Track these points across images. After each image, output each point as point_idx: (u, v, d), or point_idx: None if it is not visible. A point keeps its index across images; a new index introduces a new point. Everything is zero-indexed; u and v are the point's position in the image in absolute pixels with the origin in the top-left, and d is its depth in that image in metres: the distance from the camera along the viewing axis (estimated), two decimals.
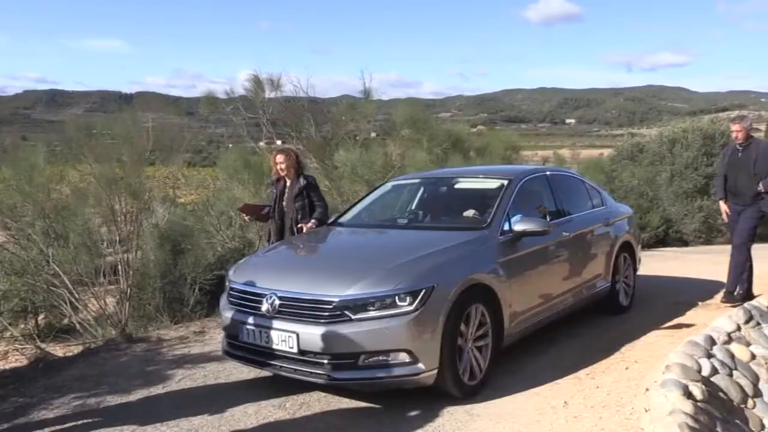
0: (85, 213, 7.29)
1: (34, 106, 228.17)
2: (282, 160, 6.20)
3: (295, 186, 6.21)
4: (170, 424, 3.96)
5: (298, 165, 6.28)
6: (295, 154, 6.34)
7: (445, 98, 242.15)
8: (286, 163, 6.18)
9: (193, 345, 5.69)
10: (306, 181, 6.20)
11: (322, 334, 3.92)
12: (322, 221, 5.96)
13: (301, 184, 6.18)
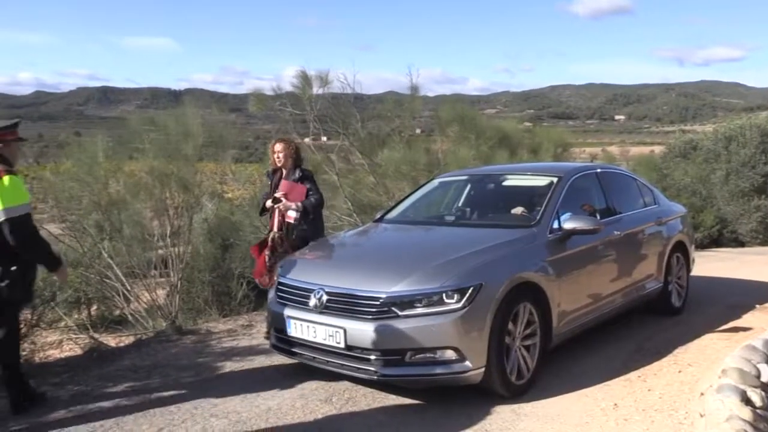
0: (138, 207, 7.47)
1: (87, 103, 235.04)
2: (281, 149, 5.81)
3: (290, 178, 5.81)
4: (219, 415, 4.03)
5: (296, 156, 5.87)
6: (295, 146, 5.97)
7: (490, 94, 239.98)
8: (285, 152, 5.79)
9: (241, 338, 5.78)
10: (302, 173, 5.81)
11: (369, 330, 3.93)
12: (307, 209, 5.61)
13: (297, 175, 5.78)
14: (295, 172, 5.77)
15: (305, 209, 5.61)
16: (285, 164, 5.79)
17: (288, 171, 5.82)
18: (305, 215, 5.64)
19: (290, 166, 5.80)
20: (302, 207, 5.60)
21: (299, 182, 5.70)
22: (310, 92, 8.94)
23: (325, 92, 9.21)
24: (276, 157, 5.80)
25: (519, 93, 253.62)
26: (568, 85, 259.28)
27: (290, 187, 5.63)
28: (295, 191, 5.62)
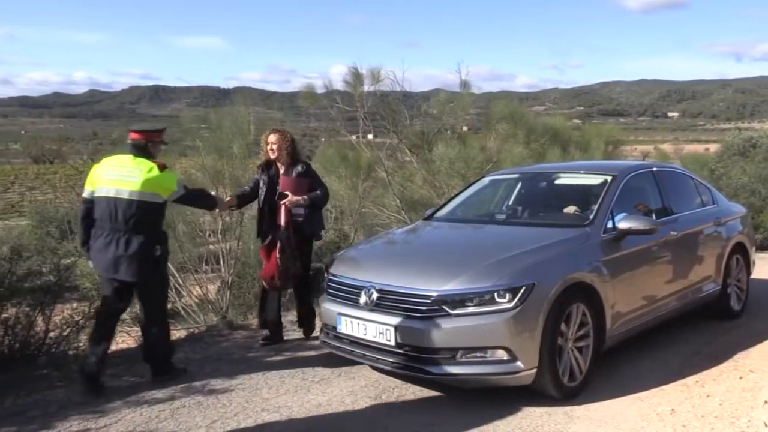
0: None
1: (139, 101, 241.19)
2: (275, 140, 5.40)
3: (291, 172, 5.41)
4: (270, 410, 4.08)
5: (292, 149, 5.45)
6: (291, 137, 5.52)
7: (538, 91, 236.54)
8: (278, 144, 5.38)
9: (291, 334, 5.83)
10: (305, 167, 5.47)
11: (419, 328, 3.92)
12: (315, 202, 5.39)
13: (300, 169, 5.41)
14: (297, 166, 5.43)
15: (312, 203, 5.39)
16: (279, 157, 5.43)
17: (286, 165, 5.46)
18: (313, 210, 5.45)
19: (285, 159, 5.43)
20: (309, 201, 5.35)
21: (301, 177, 5.41)
22: (360, 89, 8.97)
23: (376, 89, 9.22)
24: (269, 149, 5.43)
25: (568, 90, 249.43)
26: (619, 81, 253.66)
27: (291, 183, 5.36)
28: (297, 185, 5.35)
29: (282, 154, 5.41)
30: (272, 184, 5.42)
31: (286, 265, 5.20)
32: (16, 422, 3.97)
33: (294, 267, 5.25)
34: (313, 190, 5.41)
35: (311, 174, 5.50)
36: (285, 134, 5.47)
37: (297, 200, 5.28)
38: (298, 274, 5.35)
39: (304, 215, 5.37)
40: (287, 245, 5.20)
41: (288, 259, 5.20)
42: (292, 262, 5.22)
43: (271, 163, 5.50)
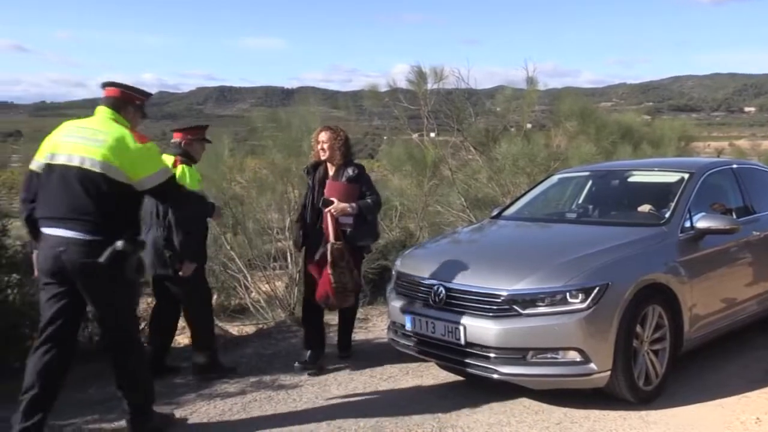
0: (260, 201, 7.77)
1: (205, 102, 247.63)
2: (326, 139, 4.83)
3: (341, 175, 4.82)
4: (339, 405, 4.12)
5: (346, 149, 4.87)
6: (345, 135, 4.93)
7: (605, 87, 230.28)
8: (330, 143, 4.81)
9: (358, 331, 5.87)
10: (357, 170, 4.84)
11: (489, 328, 3.88)
12: (363, 212, 4.74)
13: (351, 173, 4.80)
14: (348, 169, 4.83)
15: (361, 211, 4.74)
16: (331, 157, 4.84)
17: (336, 167, 4.87)
18: (361, 220, 4.78)
19: (338, 160, 4.85)
20: (357, 209, 4.72)
21: (352, 181, 4.80)
22: (424, 87, 8.96)
23: (440, 87, 9.20)
24: (320, 149, 4.86)
25: (636, 85, 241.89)
26: (690, 75, 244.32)
27: (339, 188, 4.75)
28: (345, 192, 4.74)
29: (334, 154, 4.83)
30: (320, 188, 4.87)
31: (342, 281, 4.58)
32: (98, 410, 4.15)
33: (352, 281, 4.66)
34: (364, 197, 4.81)
35: (363, 179, 4.89)
36: (338, 132, 4.89)
37: (343, 208, 4.65)
38: (358, 287, 4.89)
39: (351, 225, 4.76)
40: (340, 258, 4.58)
41: (343, 273, 4.59)
42: (348, 275, 4.62)
43: (318, 164, 4.99)
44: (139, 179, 3.46)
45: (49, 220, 3.46)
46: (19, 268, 5.02)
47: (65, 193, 3.41)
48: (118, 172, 3.40)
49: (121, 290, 3.53)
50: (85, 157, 3.40)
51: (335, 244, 4.58)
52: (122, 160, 3.41)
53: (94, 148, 3.40)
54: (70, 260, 3.35)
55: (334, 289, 4.57)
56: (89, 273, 3.37)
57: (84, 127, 3.53)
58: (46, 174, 3.51)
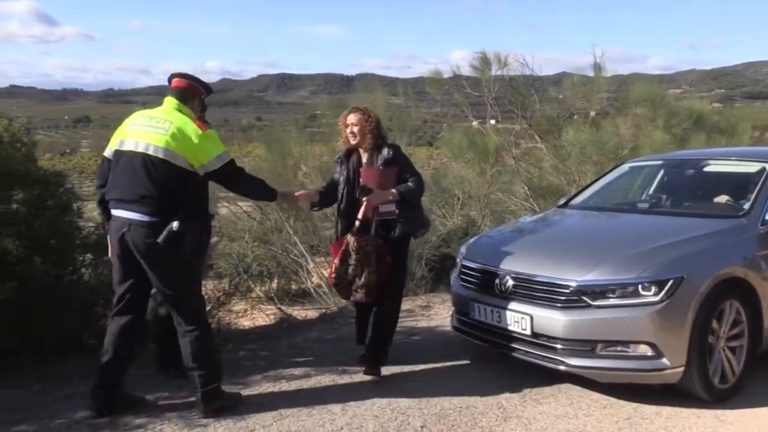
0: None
1: (266, 89, 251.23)
2: (355, 121, 4.34)
3: (375, 160, 4.35)
4: (402, 391, 4.12)
5: (378, 132, 4.38)
6: (376, 118, 4.44)
7: (674, 73, 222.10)
8: (360, 126, 4.32)
9: (420, 319, 5.87)
10: (392, 151, 4.34)
11: (557, 319, 3.81)
12: (405, 196, 4.27)
13: (386, 155, 4.31)
14: (382, 151, 4.34)
15: (403, 197, 4.27)
16: (361, 142, 4.37)
17: (369, 152, 4.40)
18: (406, 206, 4.32)
19: (369, 144, 4.36)
20: (399, 195, 4.26)
21: (389, 164, 4.32)
22: (488, 74, 8.83)
23: (504, 74, 9.04)
24: (349, 133, 4.38)
25: (707, 71, 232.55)
26: (766, 61, 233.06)
27: (376, 175, 4.28)
28: (382, 177, 4.27)
29: (365, 138, 4.35)
30: (355, 177, 4.40)
31: (341, 275, 4.23)
32: (169, 388, 4.27)
33: (365, 277, 4.17)
34: (404, 180, 4.33)
35: (401, 160, 4.39)
36: (368, 113, 4.40)
37: (385, 195, 4.21)
38: (373, 287, 4.22)
39: (395, 213, 4.30)
40: (354, 251, 4.17)
41: (350, 267, 4.19)
42: (357, 271, 4.17)
43: (352, 152, 4.50)
44: (200, 164, 3.68)
45: (117, 203, 3.71)
46: (92, 248, 5.20)
47: (131, 177, 3.66)
48: (179, 157, 3.63)
49: (181, 270, 3.72)
50: (149, 144, 3.65)
51: (356, 237, 4.19)
52: (184, 147, 3.64)
53: (158, 136, 3.64)
54: (134, 240, 3.61)
55: (334, 279, 4.30)
56: (150, 252, 3.61)
57: (151, 116, 3.78)
58: (116, 160, 3.79)
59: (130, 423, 3.70)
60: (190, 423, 3.69)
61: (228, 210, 9.18)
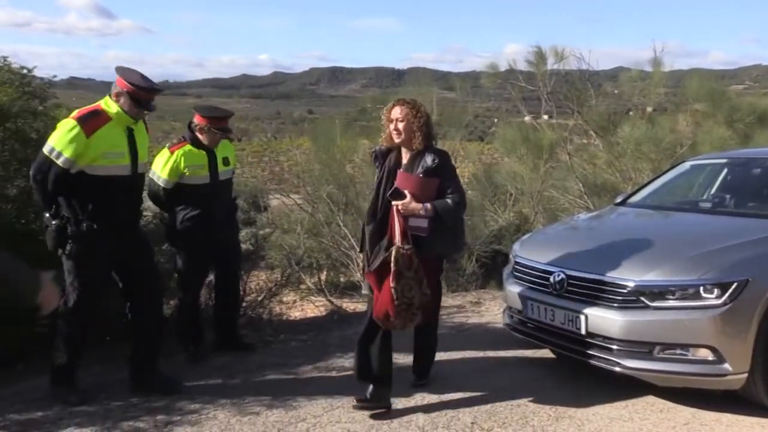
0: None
1: (318, 82, 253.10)
2: (401, 116, 3.71)
3: (417, 166, 3.73)
4: (453, 387, 4.10)
5: (427, 130, 3.75)
6: (426, 113, 3.82)
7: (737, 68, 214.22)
8: (406, 122, 3.70)
9: (470, 315, 5.84)
10: (438, 159, 3.71)
11: (613, 319, 3.72)
12: (440, 214, 3.68)
13: (430, 163, 3.69)
14: (426, 157, 3.71)
15: (437, 214, 3.68)
16: (407, 140, 3.74)
17: (412, 155, 3.78)
18: (440, 224, 3.71)
19: (417, 144, 3.73)
20: (433, 211, 3.68)
21: (430, 174, 3.70)
22: (544, 68, 8.69)
23: (560, 68, 8.89)
24: (393, 129, 3.76)
25: None
26: None
27: (413, 182, 3.69)
28: (419, 187, 3.68)
29: (412, 136, 3.73)
30: (390, 180, 3.79)
31: (407, 296, 3.57)
32: (222, 376, 4.36)
33: (420, 295, 3.63)
34: (443, 194, 3.74)
35: (446, 171, 3.77)
36: (417, 108, 3.76)
37: (415, 208, 3.63)
38: (428, 303, 3.76)
39: (425, 230, 3.69)
40: (406, 267, 3.57)
41: (409, 286, 3.59)
42: (416, 289, 3.60)
43: (390, 150, 3.89)
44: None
45: None
46: (150, 237, 5.32)
47: None
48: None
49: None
50: None
51: (402, 249, 3.58)
52: None
53: None
54: None
55: (397, 307, 3.54)
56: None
57: None
58: None
59: (185, 407, 3.79)
60: (242, 410, 3.77)
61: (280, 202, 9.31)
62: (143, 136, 4.05)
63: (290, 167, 10.51)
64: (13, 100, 5.00)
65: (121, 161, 3.84)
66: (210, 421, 3.63)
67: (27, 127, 5.09)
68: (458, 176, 3.96)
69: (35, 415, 3.71)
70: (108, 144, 3.77)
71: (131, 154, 3.89)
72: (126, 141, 3.87)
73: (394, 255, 3.55)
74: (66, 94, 6.49)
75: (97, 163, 3.75)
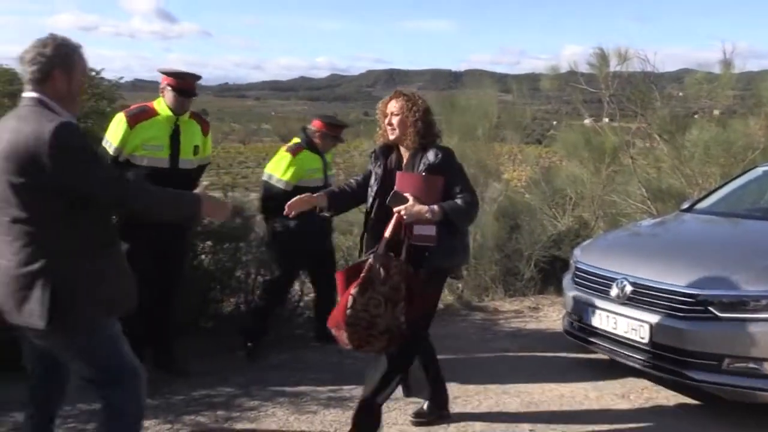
0: None
1: (374, 84, 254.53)
2: (396, 110, 3.31)
3: (416, 164, 3.30)
4: (511, 393, 4.05)
5: (424, 125, 3.29)
6: (425, 106, 3.34)
7: None
8: (401, 116, 3.29)
9: (528, 320, 5.75)
10: (440, 155, 3.26)
11: (680, 329, 3.61)
12: (449, 217, 3.15)
13: (433, 159, 3.24)
14: (427, 153, 3.27)
15: (447, 217, 3.15)
16: (401, 137, 3.31)
17: (411, 152, 3.34)
18: (447, 230, 3.20)
19: (412, 141, 3.30)
20: (441, 213, 3.14)
21: (434, 171, 3.22)
22: (606, 70, 8.48)
23: (623, 70, 8.64)
24: (387, 124, 3.35)
25: None
26: None
27: (415, 182, 3.21)
28: (422, 187, 3.19)
29: (406, 132, 3.30)
30: (390, 179, 3.34)
31: (370, 312, 3.02)
32: (281, 374, 4.41)
33: (391, 318, 3.03)
34: (452, 196, 3.22)
35: (452, 169, 3.31)
36: (413, 101, 3.33)
37: (420, 211, 3.11)
38: (397, 334, 3.07)
39: (434, 238, 3.17)
40: (379, 279, 3.04)
41: (377, 302, 3.02)
42: (386, 309, 3.02)
43: (391, 148, 3.47)
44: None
45: None
46: (213, 235, 5.44)
47: None
48: None
49: None
50: None
51: (383, 257, 3.09)
52: None
53: None
54: None
55: (348, 318, 3.02)
56: None
57: None
58: None
59: (245, 404, 3.86)
60: (300, 408, 3.81)
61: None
62: (192, 134, 4.23)
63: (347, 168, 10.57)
64: (83, 101, 5.20)
65: (160, 154, 4.07)
66: (269, 418, 3.68)
67: (96, 127, 5.29)
68: (467, 175, 3.43)
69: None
70: (148, 135, 4.04)
71: (172, 148, 4.10)
72: (168, 135, 4.10)
73: (371, 262, 3.06)
74: (131, 95, 6.73)
75: (138, 152, 4.03)
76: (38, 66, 2.29)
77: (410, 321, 3.08)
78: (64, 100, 2.34)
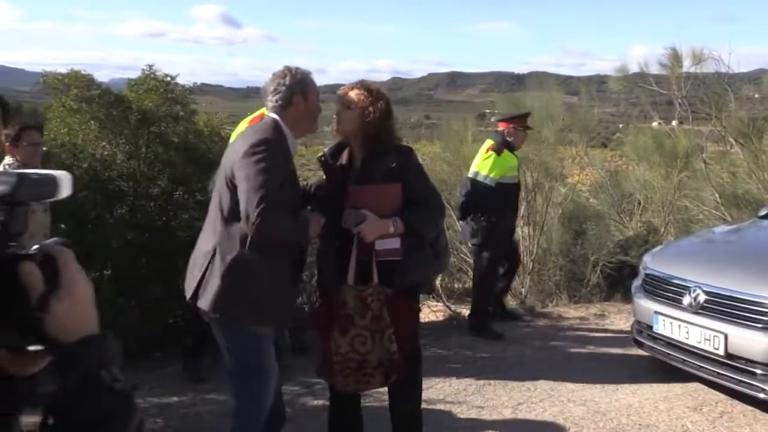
0: None
1: (436, 87, 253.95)
2: (354, 102, 2.78)
3: (372, 173, 2.78)
4: (577, 401, 3.97)
5: (382, 125, 2.79)
6: (385, 99, 2.84)
7: None
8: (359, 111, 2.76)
9: (594, 327, 5.62)
10: (398, 158, 2.79)
11: (759, 341, 3.47)
12: (414, 229, 2.73)
13: (391, 166, 2.75)
14: (383, 159, 2.77)
15: (410, 229, 2.73)
16: (353, 134, 2.82)
17: (365, 156, 2.83)
18: (413, 243, 2.74)
19: (365, 141, 2.80)
20: (404, 226, 2.72)
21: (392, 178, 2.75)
22: (678, 71, 8.19)
23: (697, 71, 8.33)
24: (338, 122, 2.84)
25: None
26: None
27: (372, 195, 2.77)
28: (382, 200, 2.76)
29: (359, 132, 2.79)
30: (341, 190, 2.83)
31: (357, 351, 2.72)
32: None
33: (382, 351, 2.71)
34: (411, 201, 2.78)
35: (411, 172, 2.83)
36: (374, 94, 2.81)
37: (381, 227, 2.71)
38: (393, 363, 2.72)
39: (400, 251, 2.75)
40: (359, 313, 2.71)
41: (362, 339, 2.72)
42: (373, 343, 2.71)
43: (343, 148, 2.95)
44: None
45: None
46: None
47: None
48: None
49: None
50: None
51: (353, 289, 2.73)
52: None
53: None
54: None
55: (337, 365, 2.73)
56: None
57: None
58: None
59: (307, 404, 3.91)
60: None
61: None
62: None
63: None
64: (157, 105, 5.40)
65: None
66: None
67: (169, 131, 5.47)
68: (427, 176, 3.00)
69: (171, 399, 3.96)
70: None
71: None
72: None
73: (343, 297, 2.72)
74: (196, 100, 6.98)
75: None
76: (280, 95, 2.59)
77: (402, 347, 2.73)
78: (302, 122, 2.65)
